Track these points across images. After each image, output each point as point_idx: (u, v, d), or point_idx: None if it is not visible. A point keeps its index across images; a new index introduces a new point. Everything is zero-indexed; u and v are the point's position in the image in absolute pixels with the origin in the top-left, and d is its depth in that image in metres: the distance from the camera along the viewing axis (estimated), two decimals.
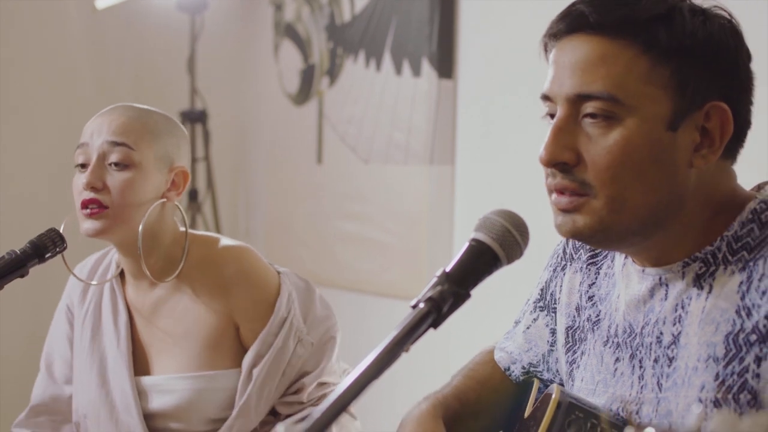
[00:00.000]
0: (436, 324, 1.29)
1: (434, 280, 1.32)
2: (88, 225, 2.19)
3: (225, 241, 2.31)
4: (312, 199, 4.47)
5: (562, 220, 1.48)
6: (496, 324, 2.16)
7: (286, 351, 2.25)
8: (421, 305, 1.29)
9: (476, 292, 1.36)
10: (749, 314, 1.40)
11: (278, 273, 2.30)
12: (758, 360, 1.38)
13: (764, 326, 1.37)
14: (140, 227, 2.19)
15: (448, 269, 1.33)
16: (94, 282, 2.37)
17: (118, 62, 4.77)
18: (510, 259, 1.38)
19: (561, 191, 1.47)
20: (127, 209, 2.19)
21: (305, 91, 4.51)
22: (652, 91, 1.43)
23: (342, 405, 1.16)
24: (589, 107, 1.44)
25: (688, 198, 1.46)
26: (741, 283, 1.42)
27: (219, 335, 2.26)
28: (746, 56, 1.49)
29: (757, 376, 1.38)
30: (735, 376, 1.40)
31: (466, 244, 1.38)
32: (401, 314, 1.30)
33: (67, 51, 4.64)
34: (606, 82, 1.43)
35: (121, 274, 2.36)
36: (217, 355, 2.26)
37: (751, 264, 1.43)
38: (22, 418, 2.41)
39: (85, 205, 2.18)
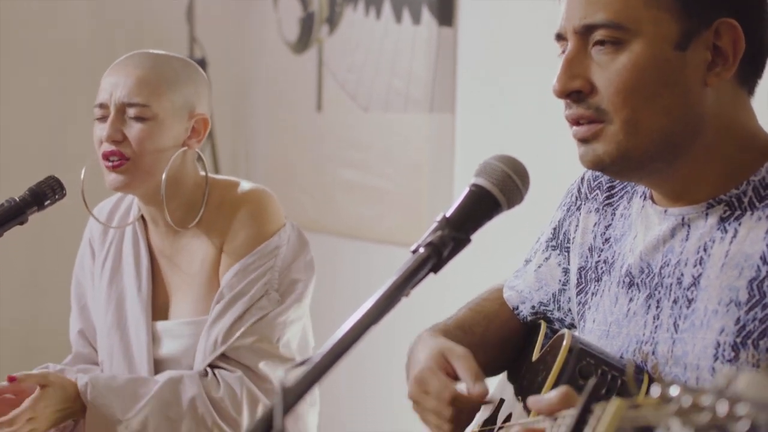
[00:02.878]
0: (436, 269, 1.28)
1: (434, 225, 1.32)
2: (112, 178, 2.23)
3: (244, 185, 2.33)
4: (312, 147, 4.46)
5: (583, 151, 1.50)
6: (494, 270, 2.16)
7: (249, 298, 2.22)
8: (422, 250, 1.28)
9: (474, 238, 1.36)
10: None
11: (283, 224, 2.28)
12: None
13: None
14: (163, 176, 2.21)
15: (448, 214, 1.33)
16: (114, 225, 2.39)
17: (117, 10, 4.73)
18: (510, 205, 1.37)
19: (578, 121, 1.49)
20: (148, 159, 2.21)
21: (305, 39, 4.49)
22: (656, 14, 1.44)
23: (341, 350, 1.16)
24: (597, 36, 1.46)
25: (707, 122, 1.47)
26: None
27: (215, 276, 2.27)
28: None
29: None
30: (757, 322, 1.40)
31: (467, 189, 1.37)
32: (401, 261, 1.30)
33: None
34: (609, 9, 1.45)
35: (142, 218, 2.38)
36: (213, 299, 2.27)
37: None
38: (67, 361, 2.43)
39: (106, 156, 2.21)
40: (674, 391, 0.90)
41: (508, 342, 1.83)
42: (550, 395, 1.28)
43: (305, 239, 2.32)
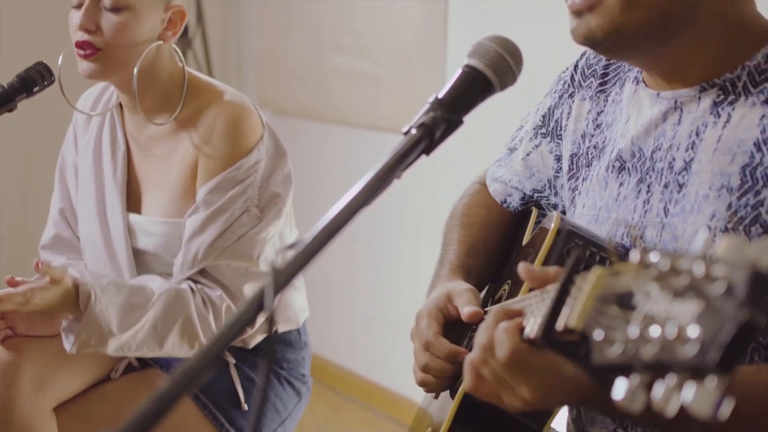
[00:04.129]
0: (428, 150, 1.27)
1: (426, 106, 1.30)
2: (84, 66, 2.20)
3: (229, 96, 2.27)
4: (303, 33, 4.41)
5: (576, 24, 1.47)
6: (486, 152, 2.16)
7: (230, 216, 2.21)
8: (413, 131, 1.26)
9: (466, 120, 1.34)
10: None
11: (261, 136, 2.25)
12: None
13: None
14: (135, 70, 2.18)
15: (440, 95, 1.31)
16: (95, 112, 2.38)
17: None
18: (503, 86, 1.35)
19: None
20: (122, 51, 2.18)
21: None
22: None
23: (333, 230, 1.15)
24: None
25: (704, 5, 1.44)
26: (763, 116, 1.40)
27: (192, 182, 2.25)
28: None
29: None
30: (749, 209, 1.39)
31: (459, 71, 1.35)
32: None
33: None
34: None
35: (122, 106, 2.36)
36: (188, 203, 2.25)
37: None
38: (48, 242, 2.43)
39: (79, 46, 2.18)
40: (654, 256, 0.90)
41: (506, 239, 1.84)
42: (541, 267, 1.29)
43: (283, 149, 2.29)
